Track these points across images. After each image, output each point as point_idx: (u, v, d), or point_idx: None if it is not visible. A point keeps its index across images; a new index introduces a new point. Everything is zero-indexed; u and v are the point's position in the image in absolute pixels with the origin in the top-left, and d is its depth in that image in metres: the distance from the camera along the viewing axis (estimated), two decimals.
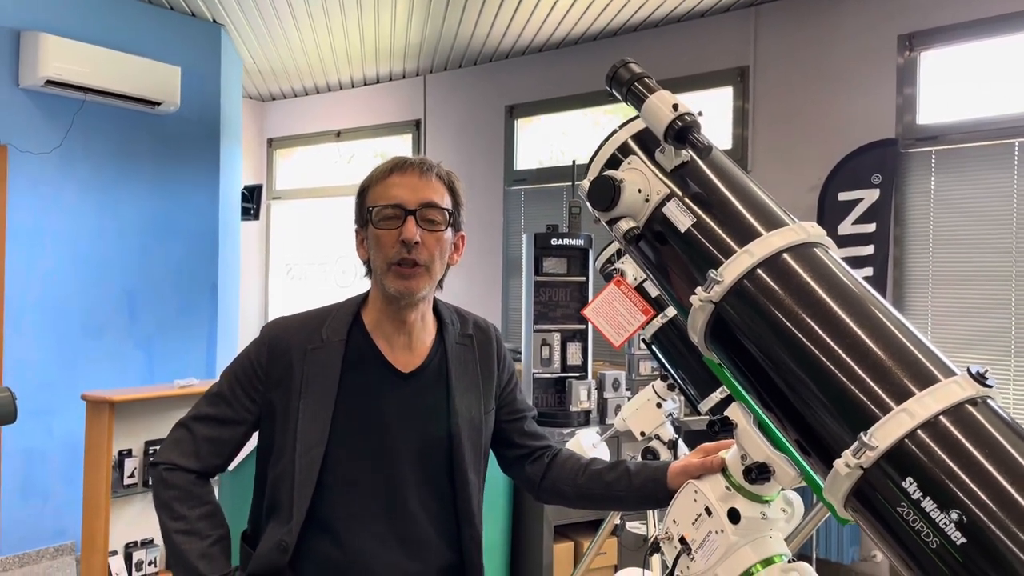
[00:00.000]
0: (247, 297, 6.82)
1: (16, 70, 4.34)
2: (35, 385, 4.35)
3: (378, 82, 6.75)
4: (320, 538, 1.40)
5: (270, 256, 7.55)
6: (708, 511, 1.19)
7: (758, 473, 1.13)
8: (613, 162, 1.30)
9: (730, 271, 1.08)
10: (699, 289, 1.11)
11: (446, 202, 1.45)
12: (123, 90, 4.56)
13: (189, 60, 5.07)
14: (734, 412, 1.19)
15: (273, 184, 7.55)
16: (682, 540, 1.22)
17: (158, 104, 4.76)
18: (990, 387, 0.92)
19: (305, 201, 7.39)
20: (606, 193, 1.21)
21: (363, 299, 1.51)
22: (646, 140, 1.27)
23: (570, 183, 5.24)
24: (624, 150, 1.29)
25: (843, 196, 4.43)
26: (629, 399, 3.65)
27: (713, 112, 4.99)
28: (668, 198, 1.19)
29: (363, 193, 1.48)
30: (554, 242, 3.95)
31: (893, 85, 4.40)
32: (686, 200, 1.18)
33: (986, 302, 4.07)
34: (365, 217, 1.45)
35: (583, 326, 4.02)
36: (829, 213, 4.45)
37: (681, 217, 1.18)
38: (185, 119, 5.11)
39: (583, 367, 3.99)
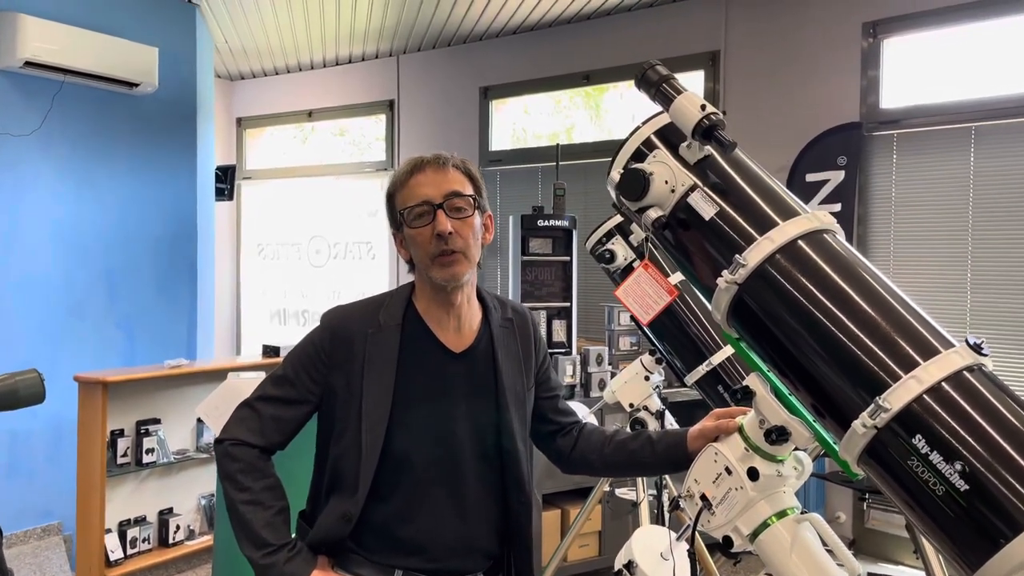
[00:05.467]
0: (219, 277, 6.81)
1: None
2: (18, 366, 4.21)
3: (351, 62, 6.73)
4: (380, 508, 1.48)
5: (241, 236, 7.52)
6: (728, 470, 1.32)
7: (778, 435, 1.25)
8: (637, 156, 1.40)
9: (753, 256, 1.20)
10: (725, 272, 1.23)
11: (468, 189, 1.53)
12: (102, 71, 4.52)
13: (165, 41, 5.04)
14: (752, 381, 1.32)
15: (243, 164, 7.50)
16: (703, 497, 1.34)
17: (136, 85, 4.74)
18: (985, 356, 1.05)
19: (276, 181, 7.37)
20: (637, 184, 1.32)
21: (413, 288, 1.60)
22: (668, 135, 1.37)
23: (544, 164, 5.35)
24: (648, 145, 1.39)
25: (811, 177, 4.62)
26: (612, 373, 3.80)
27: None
28: (692, 189, 1.31)
29: (391, 199, 1.56)
30: (540, 223, 4.07)
31: (857, 71, 4.58)
32: (708, 191, 1.30)
33: (943, 278, 4.30)
34: (398, 220, 1.53)
35: (567, 304, 4.15)
36: (797, 194, 4.47)
37: (705, 207, 1.30)
38: (162, 100, 5.08)
39: (568, 343, 4.13)
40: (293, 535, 1.51)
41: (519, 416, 1.57)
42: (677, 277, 2.42)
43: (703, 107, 1.27)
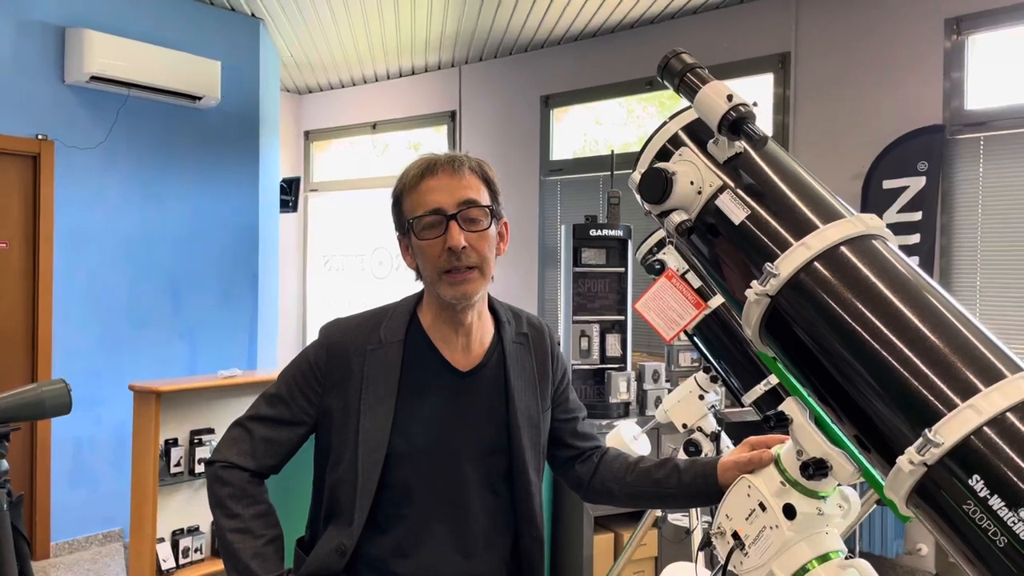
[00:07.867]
0: (285, 289, 6.89)
1: (62, 66, 4.41)
2: (84, 375, 4.44)
3: (413, 73, 6.75)
4: (379, 541, 1.38)
5: (308, 248, 7.61)
6: (762, 506, 1.17)
7: (815, 469, 1.11)
8: (663, 154, 1.27)
9: (787, 264, 1.05)
10: (755, 283, 1.08)
11: (484, 197, 1.39)
12: (166, 85, 4.62)
13: (229, 54, 5.13)
14: (789, 407, 1.17)
15: (310, 176, 7.60)
16: (735, 535, 1.20)
17: (199, 99, 4.82)
18: None
19: (342, 193, 7.43)
20: (658, 185, 1.19)
21: (418, 299, 1.48)
22: (697, 131, 1.24)
23: (606, 173, 5.21)
24: (675, 142, 1.26)
25: (888, 184, 4.35)
26: (669, 391, 3.63)
27: (753, 99, 4.95)
28: (721, 190, 1.17)
29: (398, 201, 1.43)
30: (593, 233, 3.92)
31: (940, 70, 4.30)
32: (740, 192, 1.16)
33: None
34: (405, 226, 1.41)
35: (622, 317, 3.99)
36: (874, 201, 4.37)
37: (735, 209, 1.16)
38: (225, 113, 5.17)
39: (622, 358, 3.97)
40: (289, 566, 1.41)
41: (532, 441, 1.44)
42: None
43: (730, 98, 1.13)
